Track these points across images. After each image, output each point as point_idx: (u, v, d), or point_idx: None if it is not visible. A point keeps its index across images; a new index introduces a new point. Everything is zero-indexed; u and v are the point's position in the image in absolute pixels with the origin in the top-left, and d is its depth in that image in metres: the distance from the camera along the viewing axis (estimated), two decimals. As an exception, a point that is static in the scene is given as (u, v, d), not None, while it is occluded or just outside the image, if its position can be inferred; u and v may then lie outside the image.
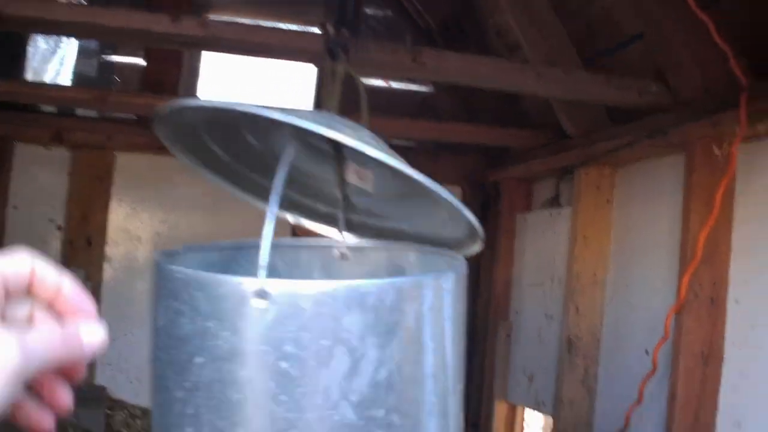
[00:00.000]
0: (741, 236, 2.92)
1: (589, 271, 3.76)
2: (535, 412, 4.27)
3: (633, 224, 3.61)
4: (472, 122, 4.64)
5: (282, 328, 0.96)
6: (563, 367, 3.74)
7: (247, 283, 0.96)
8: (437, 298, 1.10)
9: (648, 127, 3.29)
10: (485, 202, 4.96)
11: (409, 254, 1.40)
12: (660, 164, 3.42)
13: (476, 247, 1.28)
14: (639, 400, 3.16)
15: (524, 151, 4.48)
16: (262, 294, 0.96)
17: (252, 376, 0.97)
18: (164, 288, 1.02)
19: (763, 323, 2.77)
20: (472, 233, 1.25)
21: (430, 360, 1.10)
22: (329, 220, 1.47)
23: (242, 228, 2.27)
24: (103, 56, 5.25)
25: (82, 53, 5.19)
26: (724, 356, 2.93)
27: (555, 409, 3.79)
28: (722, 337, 2.93)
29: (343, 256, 1.43)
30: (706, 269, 2.95)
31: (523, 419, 4.51)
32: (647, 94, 3.18)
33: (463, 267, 1.18)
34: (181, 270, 1.01)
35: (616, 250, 3.73)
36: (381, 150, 1.07)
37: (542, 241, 4.33)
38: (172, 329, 1.00)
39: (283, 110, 1.05)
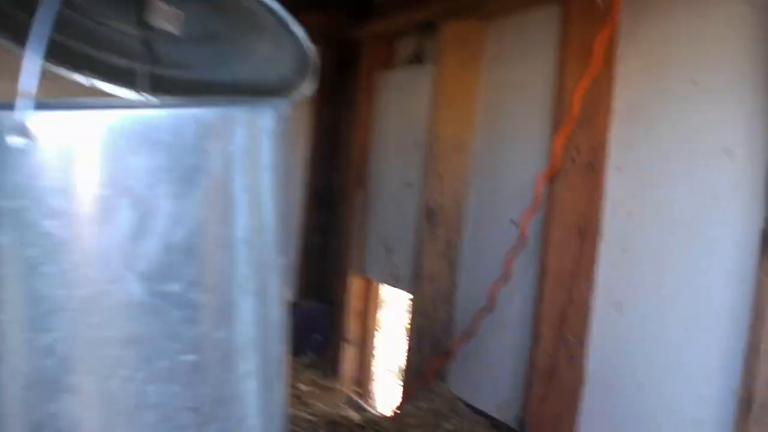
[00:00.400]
0: (624, 96, 2.60)
1: (452, 134, 3.40)
2: (394, 288, 3.96)
3: (503, 83, 3.25)
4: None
5: (46, 174, 0.76)
6: (423, 239, 3.41)
7: (7, 117, 0.75)
8: (252, 138, 0.89)
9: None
10: (343, 61, 4.51)
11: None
12: (534, 16, 3.05)
13: (307, 84, 1.04)
14: (506, 276, 2.86)
15: (386, 6, 4.02)
16: (21, 130, 0.76)
17: (5, 241, 0.76)
18: None
19: (649, 193, 2.49)
20: (302, 65, 1.02)
21: (242, 220, 0.89)
22: (129, 78, 1.18)
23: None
24: None
25: None
26: (602, 230, 2.64)
27: (414, 284, 3.48)
28: (600, 208, 2.64)
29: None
30: (583, 132, 2.63)
31: (378, 296, 4.21)
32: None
33: (286, 106, 0.96)
34: None
35: (483, 112, 3.37)
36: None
37: (404, 103, 3.94)
38: None
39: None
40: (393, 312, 4.27)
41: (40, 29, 0.79)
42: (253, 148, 0.90)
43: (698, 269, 2.32)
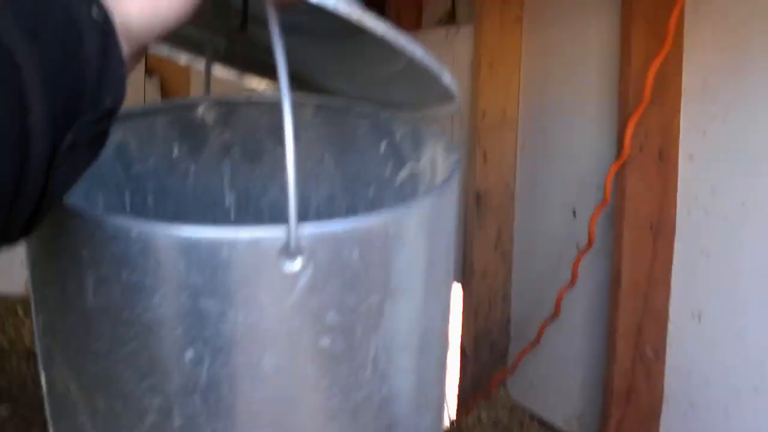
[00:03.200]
0: (694, 73, 2.20)
1: (497, 107, 3.01)
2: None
3: (551, 50, 2.84)
4: None
5: (322, 293, 0.71)
6: (471, 228, 3.06)
7: (268, 239, 0.68)
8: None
9: None
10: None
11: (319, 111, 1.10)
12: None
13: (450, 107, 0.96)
14: (572, 281, 2.51)
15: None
16: (292, 252, 0.68)
17: (281, 366, 0.71)
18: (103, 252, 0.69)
19: (727, 186, 2.10)
20: (441, 95, 0.93)
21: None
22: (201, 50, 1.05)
23: None
24: None
25: None
26: (677, 227, 2.27)
27: (464, 278, 3.14)
28: (674, 204, 2.27)
29: (205, 118, 1.10)
30: (653, 114, 2.24)
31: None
32: None
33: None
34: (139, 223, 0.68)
35: (529, 83, 2.97)
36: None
37: (438, 68, 3.54)
38: (132, 310, 0.69)
39: None
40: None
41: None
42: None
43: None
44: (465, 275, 3.10)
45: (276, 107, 0.74)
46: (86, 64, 0.56)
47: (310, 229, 0.69)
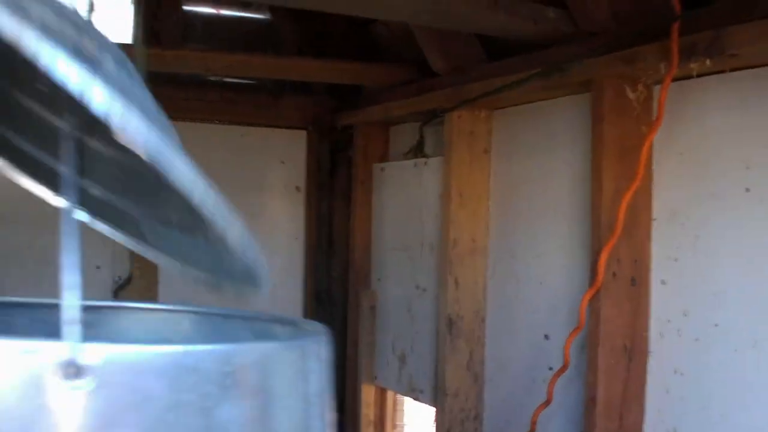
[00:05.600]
0: (663, 201, 2.37)
1: (468, 236, 3.15)
2: (413, 401, 3.67)
3: (519, 180, 3.00)
4: (319, 57, 3.87)
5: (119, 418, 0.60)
6: (443, 351, 3.14)
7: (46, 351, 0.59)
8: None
9: (539, 62, 2.67)
10: (335, 149, 4.26)
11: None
12: (554, 106, 2.81)
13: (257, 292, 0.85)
14: (548, 400, 2.59)
15: (381, 91, 3.79)
16: (73, 369, 0.59)
17: None
18: None
19: (699, 310, 2.24)
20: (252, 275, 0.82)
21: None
22: (52, 181, 0.94)
23: None
24: None
25: None
26: (650, 349, 2.39)
27: (437, 399, 3.20)
28: (646, 326, 2.39)
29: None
30: (624, 243, 2.38)
31: (395, 405, 3.91)
32: (544, 22, 2.51)
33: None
34: None
35: (497, 212, 3.12)
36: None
37: (406, 197, 3.68)
38: None
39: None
40: (418, 427, 3.97)
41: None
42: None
43: (764, 394, 2.06)
44: (437, 395, 3.16)
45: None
46: None
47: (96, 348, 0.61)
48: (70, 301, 0.62)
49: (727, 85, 2.15)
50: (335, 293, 4.18)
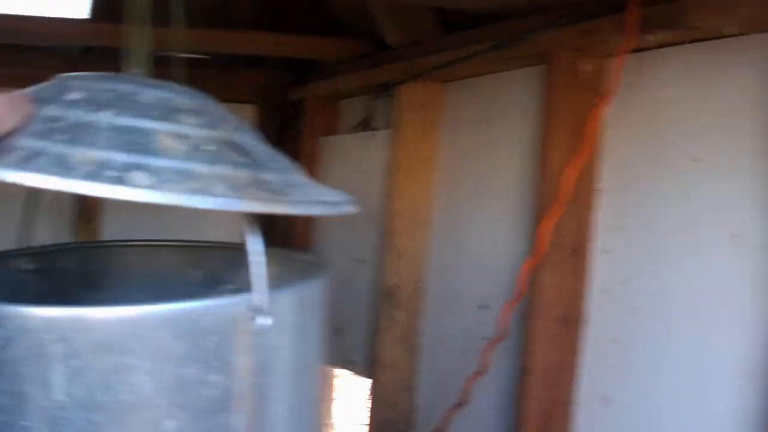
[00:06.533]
0: (611, 171, 2.39)
1: (412, 208, 3.14)
2: (348, 372, 3.65)
3: (466, 152, 3.01)
4: (274, 30, 3.83)
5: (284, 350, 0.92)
6: (380, 322, 3.13)
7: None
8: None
9: (495, 35, 2.67)
10: (284, 124, 4.23)
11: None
12: (505, 78, 2.82)
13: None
14: (482, 370, 2.59)
15: (333, 65, 3.77)
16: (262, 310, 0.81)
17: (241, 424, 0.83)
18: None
19: (640, 279, 2.26)
20: None
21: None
22: None
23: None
24: None
25: None
26: (589, 317, 2.40)
27: (372, 371, 3.18)
28: (584, 295, 2.40)
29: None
30: (568, 213, 2.39)
31: (332, 380, 3.89)
32: (501, -8, 2.52)
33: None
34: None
35: (443, 184, 3.12)
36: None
37: (353, 170, 3.67)
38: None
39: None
40: (351, 398, 3.95)
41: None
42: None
43: (698, 365, 2.09)
44: (372, 367, 3.15)
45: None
46: None
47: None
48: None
49: (682, 56, 2.18)
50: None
